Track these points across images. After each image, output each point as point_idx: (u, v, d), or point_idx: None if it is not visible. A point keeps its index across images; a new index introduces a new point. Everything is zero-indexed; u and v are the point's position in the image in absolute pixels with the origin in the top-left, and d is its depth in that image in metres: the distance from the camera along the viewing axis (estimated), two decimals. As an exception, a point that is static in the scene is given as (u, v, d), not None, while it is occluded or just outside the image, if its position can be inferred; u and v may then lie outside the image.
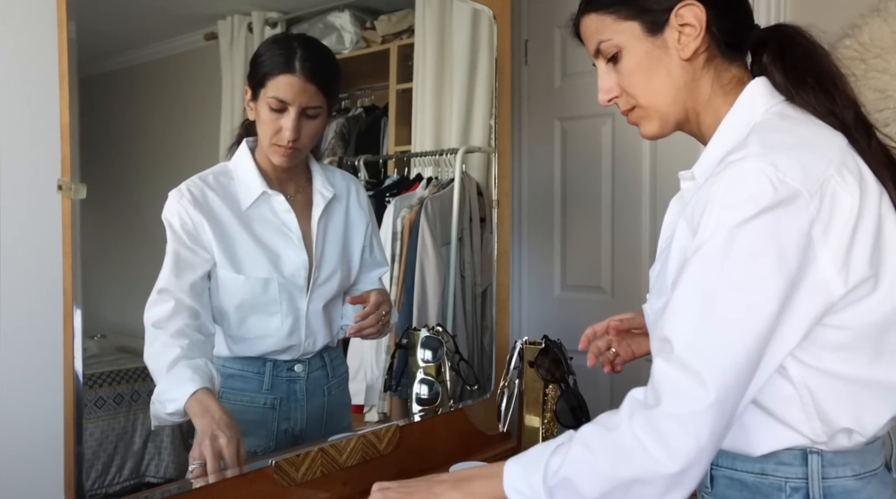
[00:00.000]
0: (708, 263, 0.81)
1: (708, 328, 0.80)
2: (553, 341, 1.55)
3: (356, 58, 1.88)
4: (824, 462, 0.87)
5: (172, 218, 1.28)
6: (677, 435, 0.78)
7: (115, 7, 1.37)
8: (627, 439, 0.80)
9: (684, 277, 0.82)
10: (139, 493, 1.29)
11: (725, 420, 0.80)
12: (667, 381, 0.80)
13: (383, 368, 1.75)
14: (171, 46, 1.51)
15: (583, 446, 0.85)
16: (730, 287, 0.80)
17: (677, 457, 0.78)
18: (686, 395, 0.79)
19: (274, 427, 1.38)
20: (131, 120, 1.45)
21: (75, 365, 1.09)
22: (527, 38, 2.44)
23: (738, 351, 0.79)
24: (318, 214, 1.43)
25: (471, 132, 1.95)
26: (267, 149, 1.35)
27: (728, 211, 0.80)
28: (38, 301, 1.18)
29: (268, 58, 1.35)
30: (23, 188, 1.17)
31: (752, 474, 0.90)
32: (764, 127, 0.88)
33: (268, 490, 1.29)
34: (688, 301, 0.82)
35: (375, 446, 1.47)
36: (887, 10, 1.72)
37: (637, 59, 0.95)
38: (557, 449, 0.87)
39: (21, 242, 1.17)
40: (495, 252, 1.87)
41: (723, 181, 0.82)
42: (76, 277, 1.09)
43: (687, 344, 0.80)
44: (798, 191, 0.79)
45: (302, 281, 1.39)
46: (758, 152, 0.82)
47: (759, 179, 0.79)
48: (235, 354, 1.37)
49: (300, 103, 1.32)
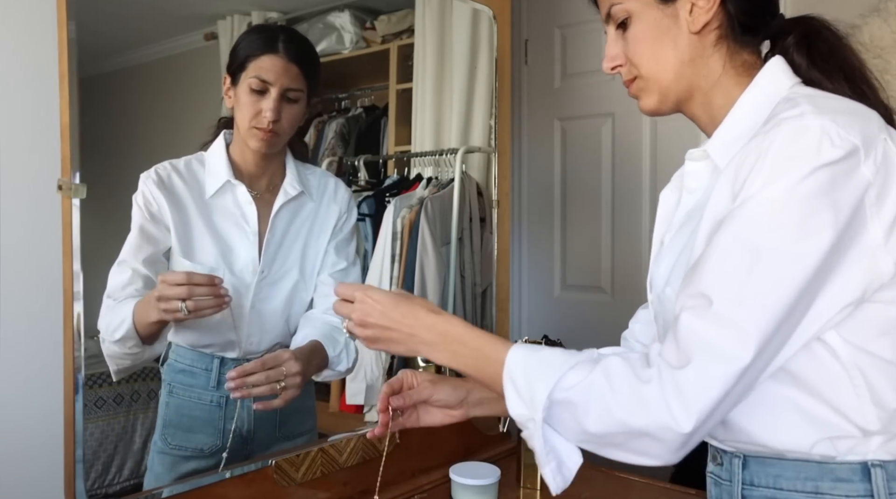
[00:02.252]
0: (758, 217, 0.75)
1: (755, 283, 0.74)
2: (553, 341, 1.55)
3: (356, 58, 1.87)
4: (888, 475, 0.78)
5: (138, 197, 1.29)
6: (700, 395, 0.73)
7: (115, 7, 1.37)
8: (655, 394, 0.75)
9: (729, 230, 0.76)
10: (139, 493, 1.28)
11: (750, 383, 0.75)
12: (699, 339, 0.74)
13: (383, 369, 1.75)
14: (171, 46, 1.51)
15: (606, 379, 0.78)
16: (781, 242, 0.74)
17: (693, 416, 0.73)
18: (723, 353, 0.73)
19: (220, 426, 1.36)
20: (131, 120, 1.45)
21: (75, 365, 1.09)
22: (527, 38, 2.44)
23: (782, 309, 0.73)
24: (275, 210, 1.39)
25: (471, 132, 1.94)
26: (245, 133, 1.34)
27: (785, 163, 0.75)
28: (38, 301, 1.18)
29: (250, 41, 1.35)
30: (23, 188, 1.17)
31: (804, 494, 0.80)
32: (808, 93, 0.83)
33: (268, 490, 1.29)
34: (732, 254, 0.75)
35: (375, 446, 1.47)
36: (887, 10, 1.72)
37: (644, 27, 0.91)
38: (578, 366, 0.80)
39: (21, 242, 1.17)
40: (495, 252, 1.87)
41: (779, 135, 0.76)
42: (76, 277, 1.09)
43: (730, 299, 0.74)
44: (857, 148, 0.75)
45: (249, 277, 1.36)
46: (813, 110, 0.77)
47: (820, 133, 0.75)
48: (181, 342, 1.35)
49: (282, 84, 1.32)
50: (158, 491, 1.23)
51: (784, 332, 0.75)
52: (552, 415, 0.81)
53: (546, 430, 0.81)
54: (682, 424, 0.73)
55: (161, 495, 1.21)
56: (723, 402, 0.74)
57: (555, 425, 0.81)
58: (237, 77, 1.33)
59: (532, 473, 1.54)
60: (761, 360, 0.74)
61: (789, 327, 0.76)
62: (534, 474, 1.54)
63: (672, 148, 2.13)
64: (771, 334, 0.73)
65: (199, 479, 1.25)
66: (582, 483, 1.55)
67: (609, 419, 0.77)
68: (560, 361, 0.81)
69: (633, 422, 0.75)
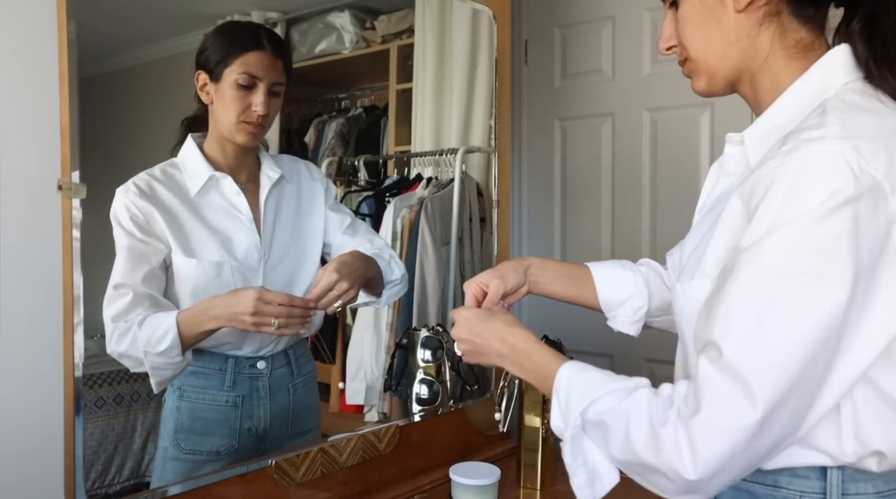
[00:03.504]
0: (769, 261, 0.71)
1: (764, 335, 0.70)
2: (553, 341, 1.55)
3: (356, 58, 1.87)
4: (845, 477, 0.79)
5: (120, 213, 1.27)
6: (709, 446, 0.72)
7: (115, 7, 1.37)
8: (668, 437, 0.74)
9: (740, 274, 0.73)
10: (139, 493, 1.28)
11: (770, 441, 0.72)
12: (711, 388, 0.72)
13: (383, 369, 1.75)
14: (171, 46, 1.51)
15: (633, 411, 0.79)
16: (794, 290, 0.70)
17: (699, 464, 0.72)
18: (730, 407, 0.71)
19: (237, 426, 1.36)
20: (131, 120, 1.45)
21: (75, 365, 1.09)
22: (527, 38, 2.44)
23: (796, 364, 0.70)
24: (264, 194, 1.42)
25: (471, 132, 1.94)
26: (232, 128, 1.35)
27: (798, 200, 0.70)
28: (38, 301, 1.17)
29: (231, 38, 1.36)
30: (23, 188, 1.17)
31: (763, 486, 0.83)
32: (844, 104, 0.77)
33: (268, 490, 1.29)
34: (742, 302, 0.72)
35: (375, 446, 1.47)
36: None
37: (691, 7, 0.89)
38: (616, 392, 0.81)
39: (21, 242, 1.17)
40: (495, 252, 1.87)
41: (794, 163, 0.71)
42: (76, 276, 1.09)
43: (737, 351, 0.71)
44: (880, 183, 0.70)
45: (255, 263, 1.38)
46: (838, 134, 0.72)
47: (839, 165, 0.69)
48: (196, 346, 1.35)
49: (270, 79, 1.35)
50: (159, 491, 1.23)
51: (805, 385, 0.71)
52: (590, 432, 0.83)
53: (587, 444, 0.84)
54: (689, 470, 0.73)
55: (161, 495, 1.21)
56: (736, 455, 0.72)
57: (595, 442, 0.84)
58: (218, 73, 1.33)
59: (532, 473, 1.54)
60: (779, 414, 0.71)
61: (810, 381, 0.72)
62: (534, 474, 1.54)
63: (672, 148, 2.13)
64: (784, 389, 0.70)
65: (199, 479, 1.25)
66: (582, 483, 1.55)
67: (629, 450, 0.78)
68: (601, 383, 0.84)
69: (647, 459, 0.77)
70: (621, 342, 2.27)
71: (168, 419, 1.33)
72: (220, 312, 1.24)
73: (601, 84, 2.27)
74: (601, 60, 2.27)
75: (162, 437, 1.34)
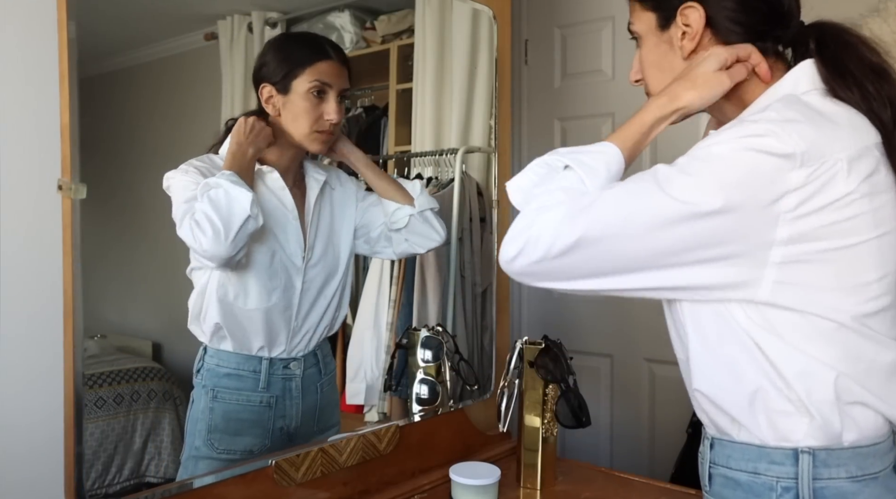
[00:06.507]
0: (673, 164, 0.84)
1: (620, 199, 0.85)
2: (553, 341, 1.55)
3: (356, 58, 1.87)
4: (816, 462, 0.85)
5: (185, 177, 1.26)
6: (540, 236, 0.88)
7: (115, 7, 1.37)
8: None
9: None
10: (139, 493, 1.28)
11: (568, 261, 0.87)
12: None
13: (383, 369, 1.75)
14: (171, 46, 1.51)
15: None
16: (664, 183, 0.82)
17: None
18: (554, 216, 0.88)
19: (270, 426, 1.39)
20: (131, 120, 1.45)
21: (75, 365, 1.09)
22: (527, 38, 2.44)
23: (613, 226, 0.83)
24: (313, 196, 1.45)
25: (471, 132, 1.94)
26: (304, 138, 1.39)
27: (718, 141, 0.82)
28: (38, 301, 1.17)
29: (296, 49, 1.40)
30: (23, 188, 1.16)
31: (746, 474, 0.89)
32: (788, 103, 0.87)
33: (268, 490, 1.29)
34: (624, 182, 0.87)
35: (375, 446, 1.47)
36: (887, 10, 1.72)
37: (648, 50, 0.97)
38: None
39: (21, 242, 1.17)
40: (495, 252, 1.87)
41: (731, 126, 0.83)
42: (76, 277, 1.09)
43: (601, 196, 0.86)
44: (793, 154, 0.79)
45: (299, 260, 1.41)
46: (771, 117, 0.82)
47: (765, 129, 0.80)
48: (227, 347, 1.34)
49: (339, 86, 1.40)
50: (159, 491, 1.23)
51: (619, 246, 0.84)
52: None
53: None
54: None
55: (162, 495, 1.21)
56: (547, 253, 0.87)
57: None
58: (288, 85, 1.36)
59: (532, 473, 1.54)
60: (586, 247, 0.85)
61: (626, 250, 0.84)
62: (534, 474, 1.54)
63: (672, 148, 2.12)
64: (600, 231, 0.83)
65: (199, 479, 1.25)
66: (582, 483, 1.56)
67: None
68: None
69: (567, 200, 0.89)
70: (621, 342, 2.28)
71: (200, 420, 1.34)
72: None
73: (601, 84, 2.27)
74: (601, 60, 2.27)
75: (192, 436, 1.35)
